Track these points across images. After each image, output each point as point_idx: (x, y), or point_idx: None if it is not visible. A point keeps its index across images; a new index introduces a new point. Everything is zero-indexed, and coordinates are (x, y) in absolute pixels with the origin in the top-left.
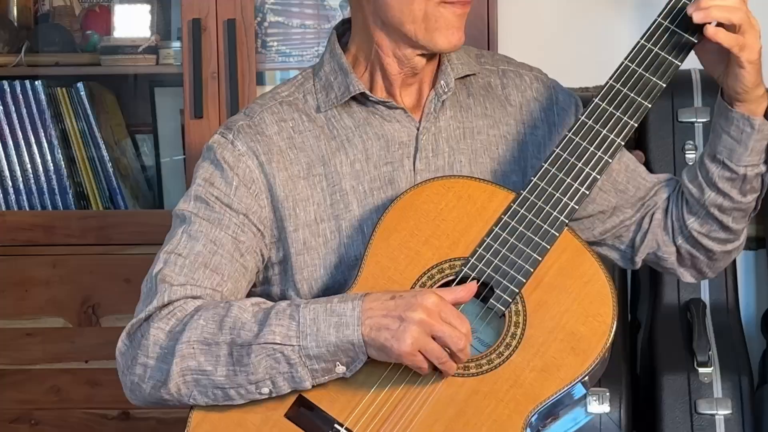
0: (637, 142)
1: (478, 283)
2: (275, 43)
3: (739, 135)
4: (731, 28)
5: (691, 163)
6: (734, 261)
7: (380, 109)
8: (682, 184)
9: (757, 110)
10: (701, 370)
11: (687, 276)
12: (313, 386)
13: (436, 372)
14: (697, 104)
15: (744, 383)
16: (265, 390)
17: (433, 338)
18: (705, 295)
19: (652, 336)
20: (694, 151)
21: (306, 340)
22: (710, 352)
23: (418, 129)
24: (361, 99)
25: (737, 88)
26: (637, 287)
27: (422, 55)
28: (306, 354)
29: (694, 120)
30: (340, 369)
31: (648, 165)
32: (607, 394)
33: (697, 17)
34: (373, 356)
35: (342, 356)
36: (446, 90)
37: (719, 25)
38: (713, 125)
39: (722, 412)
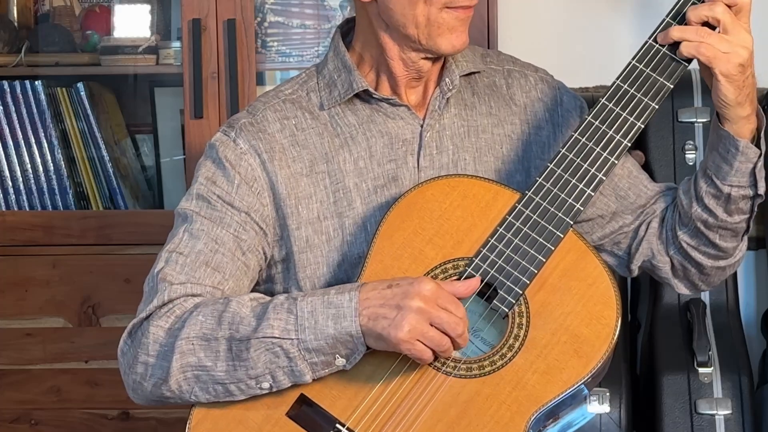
0: (637, 142)
1: (482, 282)
2: (275, 43)
3: (725, 153)
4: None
5: (690, 164)
6: None
7: (384, 106)
8: (677, 195)
9: (741, 131)
10: (701, 370)
11: (681, 287)
12: (314, 380)
13: (438, 372)
14: (697, 104)
15: (744, 383)
16: (266, 385)
17: (432, 325)
18: (705, 295)
19: (652, 336)
20: (694, 151)
21: (304, 333)
22: (710, 352)
23: (422, 126)
24: (365, 96)
25: (717, 102)
26: (637, 287)
27: (427, 58)
28: (305, 347)
29: (694, 120)
30: (340, 361)
31: (648, 165)
32: (607, 394)
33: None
34: (372, 346)
35: (341, 348)
36: (451, 87)
37: None
38: (708, 139)
39: (722, 412)
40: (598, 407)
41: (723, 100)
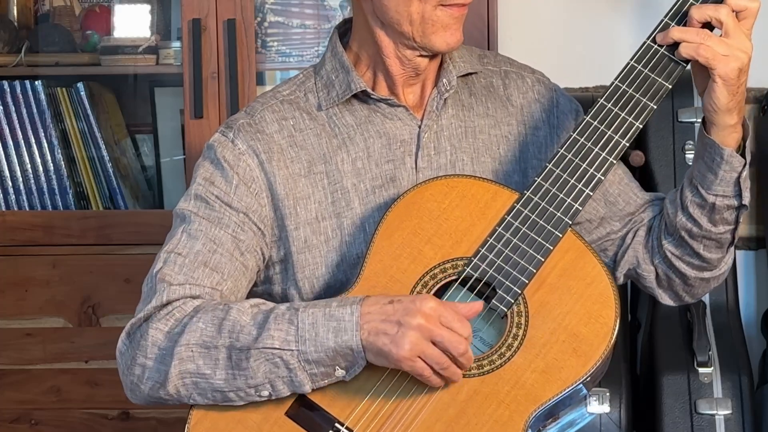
0: (637, 142)
1: (481, 282)
2: (275, 43)
3: (710, 162)
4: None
5: (690, 164)
6: (735, 261)
7: (382, 107)
8: (664, 204)
9: (727, 140)
10: (701, 370)
11: (665, 298)
12: (313, 390)
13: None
14: (697, 104)
15: (744, 383)
16: (265, 393)
17: (434, 344)
18: (705, 295)
19: (652, 336)
20: (694, 152)
21: (305, 345)
22: (710, 352)
23: (419, 127)
24: (363, 97)
25: (708, 106)
26: (638, 287)
27: (423, 56)
28: (305, 359)
29: (694, 120)
30: (340, 373)
31: (648, 165)
32: (607, 394)
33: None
34: (372, 361)
35: (341, 361)
36: (448, 88)
37: None
38: (696, 148)
39: (722, 412)
40: (598, 407)
41: (715, 103)
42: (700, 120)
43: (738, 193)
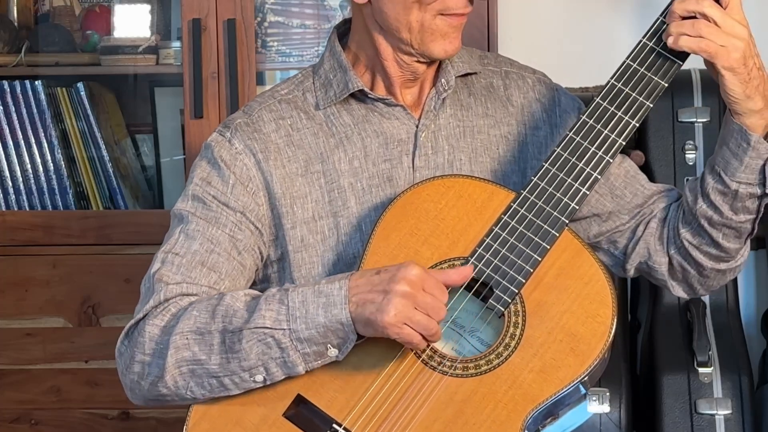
0: (637, 142)
1: (478, 282)
2: (275, 43)
3: (736, 148)
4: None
5: (690, 164)
6: None
7: (379, 106)
8: (683, 192)
9: (755, 125)
10: (701, 370)
11: (678, 290)
12: (307, 371)
13: (435, 371)
14: (697, 104)
15: (744, 383)
16: (259, 378)
17: (417, 309)
18: (706, 295)
19: (652, 336)
20: (694, 151)
21: (296, 323)
22: (710, 352)
23: (417, 126)
24: (361, 96)
25: (726, 97)
26: (637, 287)
27: (420, 61)
28: (296, 337)
29: (694, 120)
30: (332, 352)
31: (648, 165)
32: (607, 394)
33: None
34: (362, 332)
35: (332, 337)
36: (446, 88)
37: None
38: (720, 134)
39: (722, 412)
40: (597, 407)
41: (730, 95)
42: (700, 120)
43: (762, 181)
